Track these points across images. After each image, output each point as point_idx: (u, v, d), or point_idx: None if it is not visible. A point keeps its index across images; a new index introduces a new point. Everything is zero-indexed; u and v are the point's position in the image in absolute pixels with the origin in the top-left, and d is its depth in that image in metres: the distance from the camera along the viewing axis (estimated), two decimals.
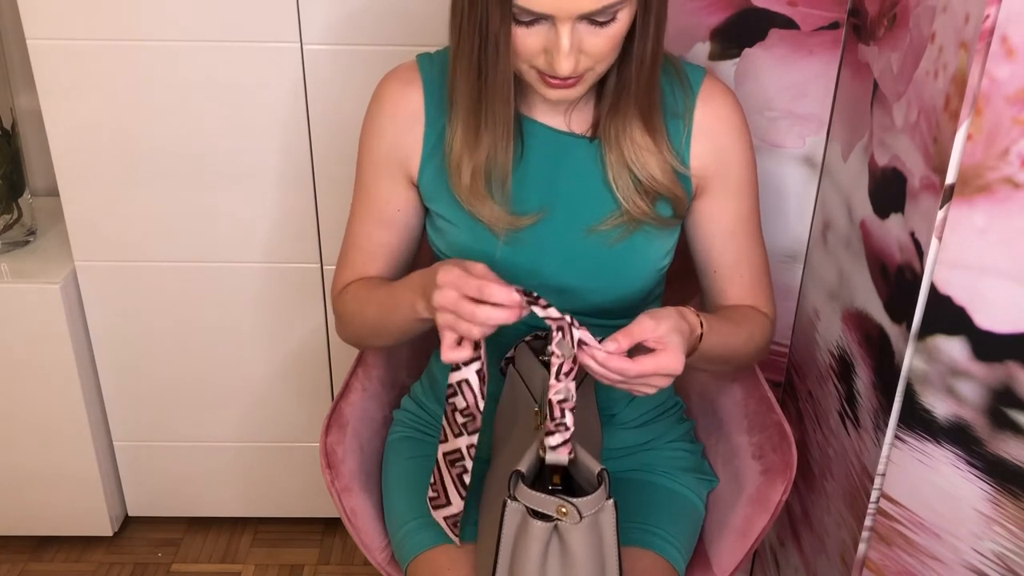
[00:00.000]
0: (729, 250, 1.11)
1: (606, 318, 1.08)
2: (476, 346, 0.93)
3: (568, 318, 0.90)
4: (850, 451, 1.20)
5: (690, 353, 1.00)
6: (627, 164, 1.03)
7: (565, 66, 0.91)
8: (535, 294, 0.91)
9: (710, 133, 1.06)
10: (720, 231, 1.10)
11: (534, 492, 0.90)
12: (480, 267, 0.92)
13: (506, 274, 1.05)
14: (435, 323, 0.94)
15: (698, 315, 1.00)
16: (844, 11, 1.27)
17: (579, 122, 1.06)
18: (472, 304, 0.89)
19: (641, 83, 0.99)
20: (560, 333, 0.90)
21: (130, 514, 1.84)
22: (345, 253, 1.15)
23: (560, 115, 1.06)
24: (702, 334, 1.00)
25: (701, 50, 1.31)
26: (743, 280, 1.12)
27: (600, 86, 1.03)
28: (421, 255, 1.19)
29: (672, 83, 1.06)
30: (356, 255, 1.14)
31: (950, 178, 0.93)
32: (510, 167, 1.03)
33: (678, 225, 1.10)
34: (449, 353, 0.92)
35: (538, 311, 0.90)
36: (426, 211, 1.12)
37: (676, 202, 1.06)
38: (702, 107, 1.06)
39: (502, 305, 0.88)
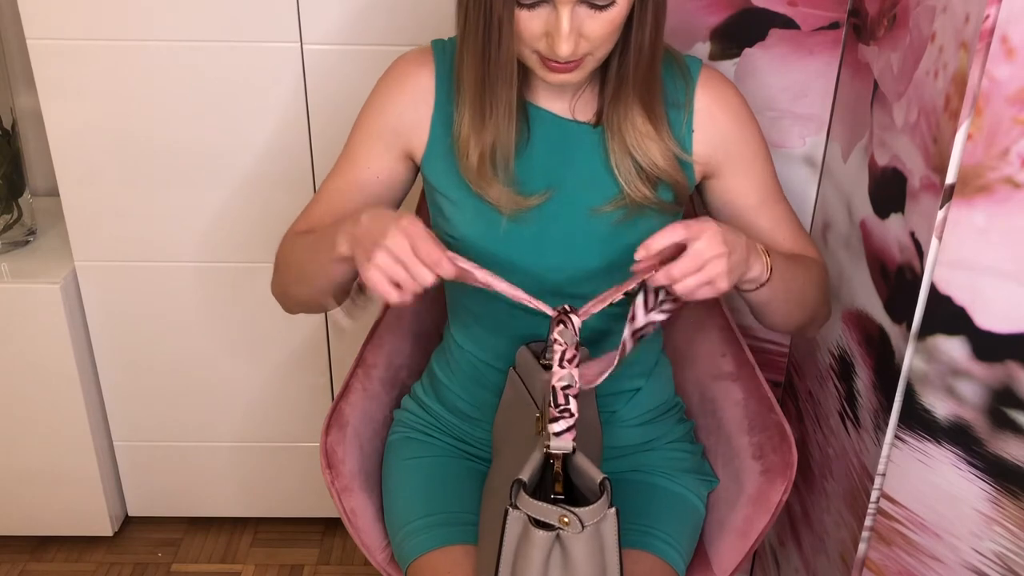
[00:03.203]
0: (762, 220, 1.11)
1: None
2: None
3: (567, 306, 0.94)
4: (850, 451, 1.20)
5: (755, 280, 0.99)
6: (629, 150, 1.05)
7: (565, 48, 0.93)
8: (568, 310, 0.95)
9: (711, 116, 1.08)
10: (748, 206, 1.11)
11: (536, 502, 0.90)
12: (408, 216, 0.93)
13: (510, 254, 1.06)
14: (351, 262, 0.96)
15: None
16: (844, 11, 1.27)
17: (583, 110, 1.08)
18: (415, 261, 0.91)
19: (640, 71, 1.00)
20: (561, 324, 0.93)
21: (130, 514, 1.85)
22: (306, 208, 1.14)
23: (564, 102, 1.07)
24: (764, 250, 1.01)
25: (701, 50, 1.31)
26: (785, 243, 1.12)
27: (603, 75, 1.04)
28: None
29: (672, 74, 1.08)
30: (316, 208, 1.12)
31: (950, 178, 0.93)
32: (513, 148, 1.04)
33: (680, 211, 1.11)
34: (388, 291, 0.92)
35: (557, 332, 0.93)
36: (403, 192, 1.14)
37: (677, 188, 1.07)
38: (701, 93, 1.08)
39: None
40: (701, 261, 0.91)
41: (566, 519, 0.89)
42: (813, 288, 1.10)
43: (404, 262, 0.90)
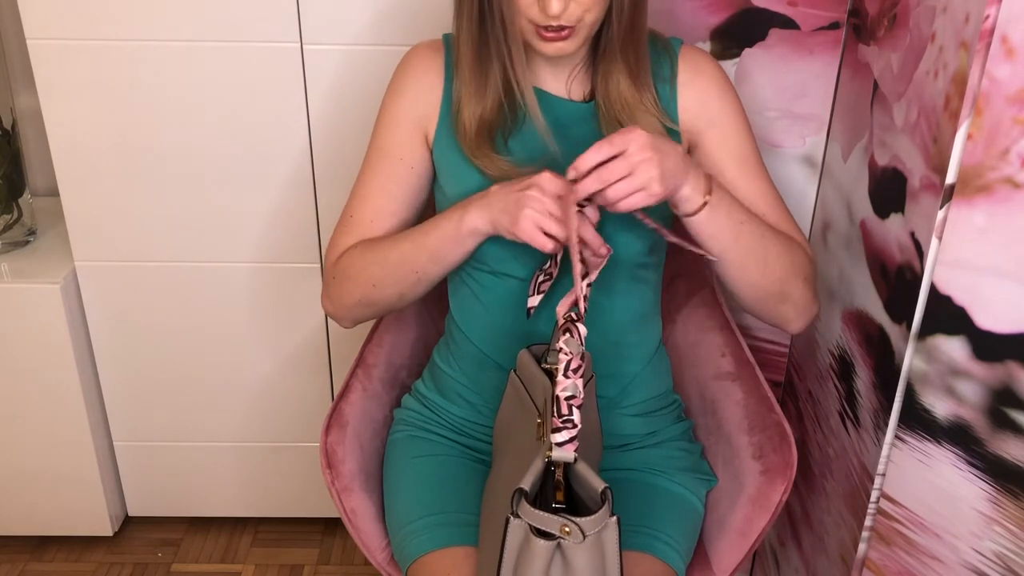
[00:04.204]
0: (740, 191, 1.12)
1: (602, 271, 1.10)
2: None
3: (573, 314, 0.95)
4: (850, 451, 1.20)
5: (689, 199, 1.00)
6: (617, 119, 1.09)
7: (555, 7, 0.97)
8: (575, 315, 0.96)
9: (692, 86, 1.12)
10: (726, 176, 1.12)
11: (537, 511, 0.90)
12: (545, 171, 0.99)
13: None
14: (481, 236, 1.03)
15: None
16: (844, 11, 1.28)
17: (577, 90, 1.13)
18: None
19: (623, 34, 1.05)
20: (568, 333, 0.93)
21: (130, 514, 1.85)
22: (350, 214, 1.15)
23: (560, 83, 1.12)
24: (709, 176, 1.02)
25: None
26: (764, 217, 1.11)
27: (594, 54, 1.09)
28: None
29: (658, 52, 1.13)
30: (365, 212, 1.14)
31: (950, 178, 0.93)
32: (508, 123, 1.08)
33: None
34: (543, 241, 0.98)
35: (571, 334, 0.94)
36: (433, 181, 1.15)
37: None
38: (683, 66, 1.13)
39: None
40: (630, 165, 0.94)
41: (567, 528, 0.89)
42: (780, 254, 1.07)
43: (552, 212, 0.96)
